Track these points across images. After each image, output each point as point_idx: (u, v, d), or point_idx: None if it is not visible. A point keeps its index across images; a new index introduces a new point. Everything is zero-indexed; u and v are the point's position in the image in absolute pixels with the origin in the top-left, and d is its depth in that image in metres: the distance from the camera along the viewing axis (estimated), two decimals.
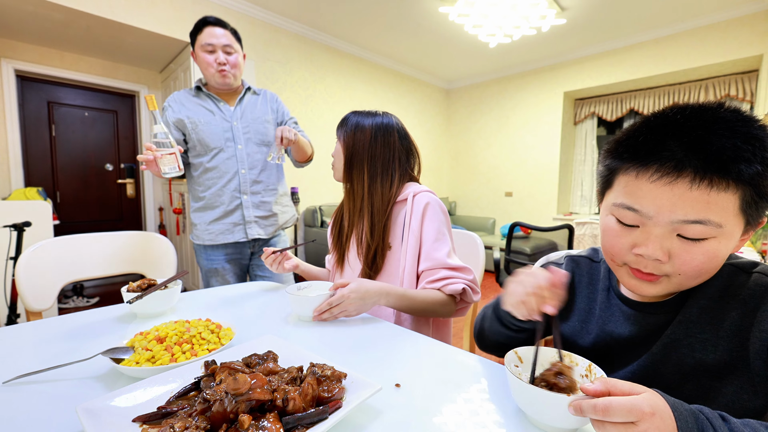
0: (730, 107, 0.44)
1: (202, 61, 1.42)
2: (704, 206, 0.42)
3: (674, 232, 0.45)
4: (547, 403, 0.41)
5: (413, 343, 0.69)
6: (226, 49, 1.41)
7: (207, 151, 1.44)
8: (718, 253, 0.45)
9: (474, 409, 0.49)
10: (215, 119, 1.45)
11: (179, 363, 0.55)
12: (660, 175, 0.44)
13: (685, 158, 0.42)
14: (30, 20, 2.61)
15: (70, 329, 0.74)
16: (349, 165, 1.00)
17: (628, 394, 0.37)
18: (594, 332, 0.62)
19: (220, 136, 1.44)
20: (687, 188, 0.42)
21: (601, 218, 0.55)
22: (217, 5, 3.07)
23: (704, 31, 3.47)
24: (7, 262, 2.02)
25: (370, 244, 0.97)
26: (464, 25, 3.44)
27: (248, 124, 1.50)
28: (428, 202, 0.96)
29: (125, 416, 0.42)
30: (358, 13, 3.38)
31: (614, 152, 0.50)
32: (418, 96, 5.11)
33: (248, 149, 1.49)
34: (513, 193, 5.01)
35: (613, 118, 4.43)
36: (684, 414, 0.36)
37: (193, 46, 1.44)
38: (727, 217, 0.43)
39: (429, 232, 0.95)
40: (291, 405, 0.40)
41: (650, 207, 0.45)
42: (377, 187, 0.99)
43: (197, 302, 0.94)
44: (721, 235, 0.44)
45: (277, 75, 3.54)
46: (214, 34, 1.39)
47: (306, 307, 0.80)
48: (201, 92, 1.48)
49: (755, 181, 0.41)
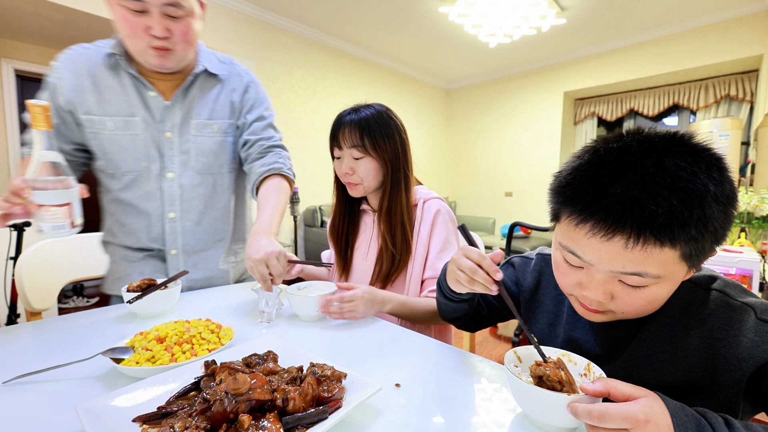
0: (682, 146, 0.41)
1: (119, 23, 0.80)
2: (641, 261, 0.42)
3: (615, 278, 0.45)
4: (547, 402, 0.41)
5: (413, 343, 0.69)
6: (170, 11, 0.79)
7: (116, 173, 0.91)
8: (658, 296, 0.45)
9: (474, 409, 0.49)
10: (134, 124, 0.88)
11: (179, 363, 0.55)
12: (596, 231, 0.43)
13: (621, 218, 0.41)
14: (30, 20, 2.61)
15: (70, 329, 0.74)
16: (393, 180, 0.94)
17: (629, 397, 0.37)
18: (561, 337, 0.62)
19: (140, 153, 0.89)
20: (622, 247, 0.42)
21: (552, 249, 0.56)
22: (217, 5, 3.07)
23: (704, 31, 3.47)
24: (7, 262, 2.02)
25: (394, 253, 0.94)
26: (464, 25, 3.44)
27: (191, 137, 0.94)
28: (439, 210, 0.95)
29: (125, 416, 0.42)
30: (358, 13, 3.38)
31: (557, 192, 0.49)
32: (418, 96, 5.11)
33: (185, 179, 0.94)
34: (513, 193, 5.01)
35: (613, 118, 4.43)
36: (684, 420, 0.36)
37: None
38: (665, 268, 0.42)
39: (436, 241, 0.94)
40: (291, 405, 0.40)
41: (591, 257, 0.45)
42: (407, 193, 0.96)
43: (197, 302, 0.94)
44: (662, 282, 0.44)
45: (277, 75, 3.54)
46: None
47: (306, 307, 0.80)
48: (119, 66, 0.87)
49: (691, 242, 0.41)
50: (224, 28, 3.14)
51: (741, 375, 0.45)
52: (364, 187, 0.94)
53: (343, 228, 1.05)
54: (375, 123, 0.90)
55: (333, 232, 1.07)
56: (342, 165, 0.93)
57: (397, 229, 0.93)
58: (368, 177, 0.92)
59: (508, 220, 4.99)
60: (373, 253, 1.00)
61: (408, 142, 0.98)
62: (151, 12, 0.77)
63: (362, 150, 0.90)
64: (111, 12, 0.80)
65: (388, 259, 0.94)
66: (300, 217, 3.66)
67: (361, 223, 1.07)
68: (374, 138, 0.89)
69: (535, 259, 0.71)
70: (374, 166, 0.92)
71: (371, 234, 1.03)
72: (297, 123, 3.73)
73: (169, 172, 0.92)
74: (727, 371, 0.46)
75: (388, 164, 0.93)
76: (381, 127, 0.90)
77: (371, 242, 1.02)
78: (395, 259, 0.94)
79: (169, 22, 0.80)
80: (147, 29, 0.79)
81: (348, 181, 0.94)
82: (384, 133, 0.91)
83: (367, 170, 0.92)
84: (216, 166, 0.99)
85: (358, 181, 0.93)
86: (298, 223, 3.63)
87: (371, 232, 1.03)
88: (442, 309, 0.76)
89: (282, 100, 3.59)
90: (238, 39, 3.23)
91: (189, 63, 0.93)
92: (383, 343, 0.69)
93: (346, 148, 0.91)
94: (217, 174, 1.00)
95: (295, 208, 3.51)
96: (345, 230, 1.05)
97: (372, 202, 1.04)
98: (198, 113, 0.95)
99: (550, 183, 0.51)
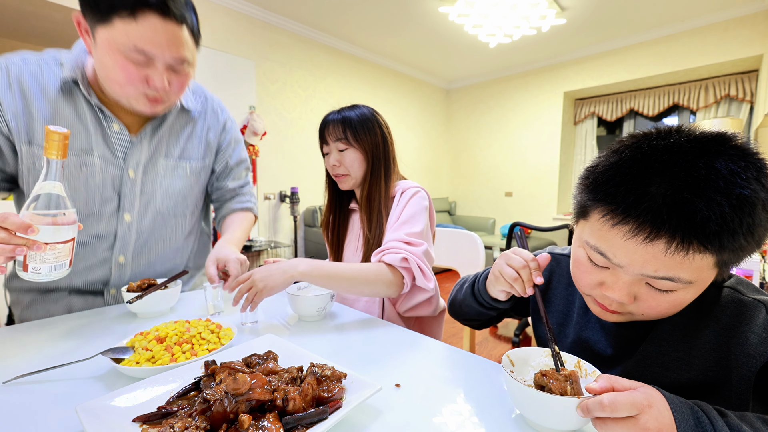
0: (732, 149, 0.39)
1: (111, 67, 0.69)
2: (677, 266, 0.40)
3: (643, 280, 0.44)
4: (547, 405, 0.41)
5: (413, 343, 0.69)
6: (174, 66, 0.74)
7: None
8: (683, 301, 0.44)
9: (474, 409, 0.49)
10: (90, 161, 0.76)
11: (179, 363, 0.55)
12: (636, 233, 0.40)
13: (666, 219, 0.38)
14: (30, 20, 2.61)
15: (70, 329, 0.74)
16: (373, 169, 0.98)
17: (629, 389, 0.38)
18: (571, 337, 0.62)
19: (93, 194, 0.77)
20: (662, 251, 0.39)
21: (573, 245, 0.54)
22: (216, 5, 3.07)
23: (704, 31, 3.47)
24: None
25: (370, 241, 0.97)
26: (464, 25, 3.44)
27: (158, 177, 0.84)
28: (416, 192, 0.97)
29: (125, 416, 0.42)
30: (358, 13, 3.38)
31: (591, 188, 0.45)
32: (418, 96, 5.11)
33: (144, 222, 0.85)
34: (513, 193, 5.01)
35: (613, 118, 4.43)
36: (679, 406, 0.37)
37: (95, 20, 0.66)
38: (699, 274, 0.41)
39: (403, 216, 0.91)
40: (291, 405, 0.40)
41: (622, 259, 0.43)
42: (386, 183, 0.99)
43: (197, 302, 0.94)
44: (691, 287, 0.43)
45: (277, 75, 3.54)
46: (161, 37, 0.68)
47: (306, 307, 0.80)
48: (75, 92, 0.75)
49: (736, 251, 0.39)
50: (224, 28, 3.14)
51: (748, 371, 0.45)
52: (352, 178, 1.00)
53: (334, 225, 1.10)
54: (356, 118, 0.97)
55: (325, 229, 1.13)
56: (330, 159, 1.00)
57: (373, 216, 0.97)
58: (354, 167, 0.98)
59: (508, 220, 4.99)
60: (361, 249, 1.02)
61: (391, 138, 1.03)
62: (156, 66, 0.71)
63: (345, 142, 0.97)
64: (104, 57, 0.69)
65: (365, 247, 0.98)
66: (300, 217, 3.66)
67: (350, 221, 1.11)
68: (355, 130, 0.96)
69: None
70: (358, 157, 0.98)
71: (358, 230, 1.06)
72: (297, 123, 3.73)
73: (127, 214, 0.81)
74: (735, 368, 0.46)
75: (369, 154, 0.98)
76: (362, 122, 0.97)
77: (359, 239, 1.04)
78: (370, 245, 0.96)
79: (171, 74, 0.75)
80: (145, 79, 0.72)
81: (337, 173, 1.00)
82: (365, 126, 0.97)
83: (352, 160, 0.97)
84: (182, 207, 0.90)
85: (345, 172, 0.99)
86: (298, 223, 3.63)
87: (358, 228, 1.06)
88: (462, 310, 0.74)
89: (282, 100, 3.59)
90: (238, 39, 3.23)
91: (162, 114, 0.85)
92: (383, 343, 0.69)
93: (332, 142, 0.99)
94: (180, 216, 0.91)
95: (295, 208, 3.51)
96: (336, 227, 1.10)
97: (358, 197, 1.08)
98: (168, 152, 0.86)
99: (580, 177, 0.48)
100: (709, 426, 0.36)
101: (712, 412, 0.37)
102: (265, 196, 3.51)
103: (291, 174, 3.70)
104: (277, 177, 3.59)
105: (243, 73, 3.25)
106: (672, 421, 0.36)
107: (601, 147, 4.69)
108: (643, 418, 0.36)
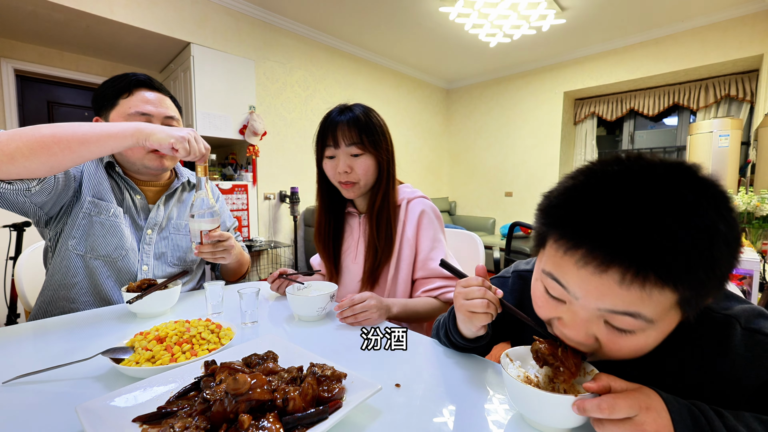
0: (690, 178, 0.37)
1: None
2: (637, 300, 0.37)
3: (601, 318, 0.40)
4: (545, 403, 0.41)
5: (413, 343, 0.69)
6: (167, 122, 0.99)
7: (90, 251, 0.93)
8: (645, 345, 0.41)
9: (474, 409, 0.49)
10: (119, 220, 0.96)
11: (179, 363, 0.55)
12: (587, 262, 0.37)
13: (619, 250, 0.35)
14: (30, 20, 2.61)
15: (70, 329, 0.74)
16: (382, 177, 0.94)
17: (626, 389, 0.38)
18: None
19: (123, 242, 0.96)
20: (617, 282, 0.36)
21: (533, 278, 0.50)
22: (216, 5, 3.07)
23: (704, 31, 3.47)
24: (7, 262, 2.02)
25: (377, 251, 0.94)
26: (464, 25, 3.44)
27: (169, 235, 1.05)
28: (423, 210, 0.95)
29: (125, 416, 0.42)
30: (358, 13, 3.38)
31: (545, 213, 0.43)
32: (418, 96, 5.11)
33: (157, 271, 1.02)
34: (513, 193, 5.01)
35: (613, 118, 4.43)
36: (677, 406, 0.37)
37: (104, 110, 0.96)
38: (660, 313, 0.38)
39: (426, 241, 0.94)
40: (291, 405, 0.40)
41: (577, 289, 0.40)
42: (393, 192, 0.97)
43: (197, 302, 0.94)
44: (651, 329, 0.39)
45: (277, 75, 3.54)
46: (150, 99, 0.97)
47: (306, 308, 0.80)
48: (112, 169, 1.00)
49: (695, 287, 0.36)
50: (224, 28, 3.14)
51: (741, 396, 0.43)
52: (360, 186, 0.93)
53: (329, 233, 1.03)
54: (370, 121, 0.91)
55: (320, 239, 1.05)
56: (338, 164, 0.91)
57: (382, 227, 0.94)
58: (366, 175, 0.92)
59: (508, 220, 4.99)
60: (362, 255, 0.99)
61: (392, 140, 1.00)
62: (153, 122, 0.95)
63: (361, 147, 0.90)
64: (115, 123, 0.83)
65: (371, 258, 0.95)
66: (300, 217, 3.66)
67: (347, 226, 1.06)
68: (372, 135, 0.90)
69: (512, 278, 0.67)
70: (372, 164, 0.92)
71: (358, 236, 1.02)
72: (297, 123, 3.73)
73: (144, 266, 1.01)
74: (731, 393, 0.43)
75: (383, 162, 0.94)
76: (375, 126, 0.92)
77: (359, 244, 1.01)
78: (377, 257, 0.94)
79: None
80: None
81: (345, 180, 0.92)
82: (379, 130, 0.93)
83: (366, 167, 0.91)
84: (189, 260, 1.10)
85: (355, 180, 0.92)
86: (298, 223, 3.63)
87: (357, 235, 1.02)
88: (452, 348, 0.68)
89: (282, 100, 3.59)
90: (238, 39, 3.23)
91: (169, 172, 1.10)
92: None
93: (344, 146, 0.90)
94: (189, 264, 1.11)
95: (295, 208, 3.51)
96: (331, 235, 1.03)
97: (358, 203, 1.04)
98: (178, 216, 1.09)
99: (539, 203, 0.45)
100: (707, 426, 0.36)
101: (710, 413, 0.37)
102: (265, 196, 3.51)
103: (291, 174, 3.70)
104: (277, 177, 3.59)
105: (243, 73, 3.25)
106: (669, 422, 0.36)
107: (600, 147, 4.69)
108: (640, 419, 0.36)
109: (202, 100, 3.00)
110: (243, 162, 3.47)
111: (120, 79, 0.97)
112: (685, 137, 3.88)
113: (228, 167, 3.48)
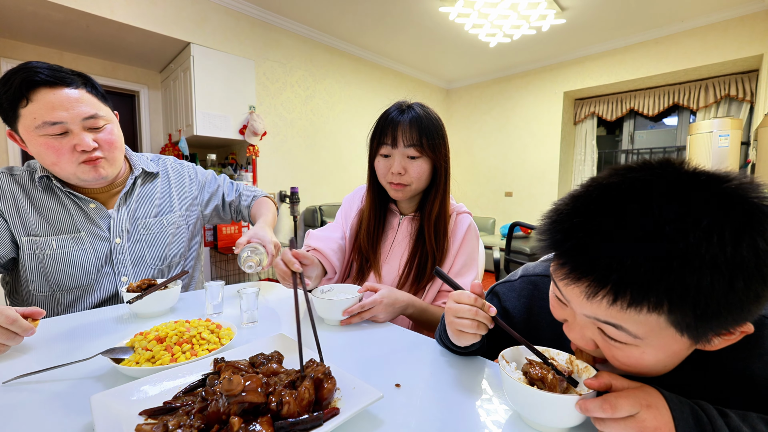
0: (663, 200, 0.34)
1: (42, 153, 0.79)
2: (615, 314, 0.36)
3: (594, 325, 0.40)
4: (544, 403, 0.41)
5: (413, 343, 0.69)
6: (90, 124, 0.81)
7: (57, 290, 0.86)
8: (643, 360, 0.39)
9: (474, 409, 0.49)
10: (81, 239, 0.86)
11: (179, 363, 0.55)
12: (563, 275, 0.39)
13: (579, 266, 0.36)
14: (30, 20, 2.61)
15: (70, 329, 0.74)
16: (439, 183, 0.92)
17: (627, 387, 0.38)
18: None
19: (91, 267, 0.87)
20: (584, 294, 0.37)
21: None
22: (216, 5, 3.07)
23: (704, 31, 3.47)
24: None
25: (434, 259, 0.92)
26: (464, 25, 3.44)
27: (141, 237, 0.94)
28: (470, 226, 0.96)
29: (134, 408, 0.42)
30: (358, 13, 3.38)
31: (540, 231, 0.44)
32: (418, 96, 5.11)
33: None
34: (513, 193, 5.01)
35: (613, 118, 4.43)
36: (678, 405, 0.37)
37: (9, 123, 0.80)
38: (647, 332, 0.36)
39: (462, 257, 0.94)
40: (285, 409, 0.40)
41: (565, 295, 0.42)
42: (447, 200, 0.96)
43: (197, 302, 0.94)
44: (645, 345, 0.37)
45: (277, 75, 3.54)
46: (55, 102, 0.77)
47: (332, 311, 0.77)
48: (53, 187, 0.87)
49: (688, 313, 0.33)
50: (224, 28, 3.14)
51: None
52: (412, 189, 0.91)
53: (376, 233, 0.99)
54: (431, 124, 0.88)
55: (367, 238, 0.99)
56: (393, 164, 0.88)
57: (440, 235, 0.93)
58: (421, 179, 0.89)
59: (508, 220, 4.99)
60: (396, 255, 0.97)
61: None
62: (73, 131, 0.79)
63: (419, 149, 0.86)
64: (31, 146, 0.79)
65: (423, 266, 0.92)
66: (300, 217, 3.66)
67: (387, 227, 1.03)
68: (432, 139, 0.87)
69: (521, 283, 0.66)
70: (427, 168, 0.89)
71: (395, 235, 0.99)
72: (297, 123, 3.73)
73: (123, 276, 0.92)
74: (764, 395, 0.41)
75: (440, 167, 0.91)
76: (437, 129, 0.89)
77: (394, 244, 0.98)
78: (428, 263, 0.92)
79: (93, 134, 0.83)
80: (74, 148, 0.80)
81: (398, 182, 0.89)
82: (439, 134, 0.89)
83: (421, 171, 0.88)
84: (171, 256, 1.01)
85: (408, 182, 0.89)
86: (298, 223, 3.62)
87: (395, 234, 0.99)
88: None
89: (282, 100, 3.60)
90: (237, 39, 3.23)
91: (120, 169, 0.93)
92: (383, 343, 0.69)
93: (402, 146, 0.86)
94: (172, 263, 1.03)
95: (295, 208, 3.51)
96: (378, 236, 1.00)
97: (402, 204, 1.01)
98: (144, 213, 0.97)
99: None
100: (709, 426, 0.36)
101: (713, 412, 0.37)
102: None
103: (291, 174, 3.70)
104: (277, 177, 3.59)
105: (243, 73, 3.25)
106: (670, 420, 0.36)
107: (600, 147, 4.69)
108: (641, 416, 0.36)
109: (202, 100, 3.00)
110: (243, 162, 3.47)
111: (7, 83, 0.75)
112: (685, 137, 3.88)
113: (228, 167, 3.48)
